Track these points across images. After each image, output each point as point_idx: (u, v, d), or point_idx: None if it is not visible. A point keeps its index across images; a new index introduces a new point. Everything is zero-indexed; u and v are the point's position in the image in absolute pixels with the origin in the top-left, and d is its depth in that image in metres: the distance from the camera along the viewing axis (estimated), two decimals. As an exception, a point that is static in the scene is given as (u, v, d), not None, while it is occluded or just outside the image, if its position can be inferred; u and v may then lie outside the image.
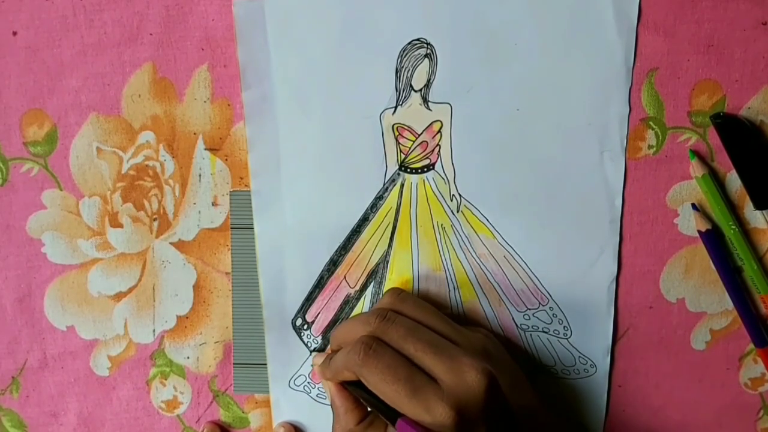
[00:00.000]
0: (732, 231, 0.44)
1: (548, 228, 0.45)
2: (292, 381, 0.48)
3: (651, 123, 0.44)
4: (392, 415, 0.38)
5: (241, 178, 0.45)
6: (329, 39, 0.43)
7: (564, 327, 0.47)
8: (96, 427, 0.49)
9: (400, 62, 0.43)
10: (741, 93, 0.43)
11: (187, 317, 0.47)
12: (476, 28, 0.42)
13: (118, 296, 0.47)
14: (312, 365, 0.47)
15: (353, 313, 0.47)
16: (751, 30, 0.42)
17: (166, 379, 0.48)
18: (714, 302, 0.46)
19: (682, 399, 0.48)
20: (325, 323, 0.47)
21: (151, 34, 0.43)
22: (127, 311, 0.47)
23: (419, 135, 0.44)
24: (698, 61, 0.43)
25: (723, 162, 0.44)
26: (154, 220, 0.46)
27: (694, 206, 0.45)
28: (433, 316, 0.43)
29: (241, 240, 0.46)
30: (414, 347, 0.39)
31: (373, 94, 0.43)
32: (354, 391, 0.41)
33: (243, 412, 0.49)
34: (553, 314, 0.46)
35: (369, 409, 0.42)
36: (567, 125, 0.43)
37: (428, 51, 0.43)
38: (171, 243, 0.46)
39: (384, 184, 0.45)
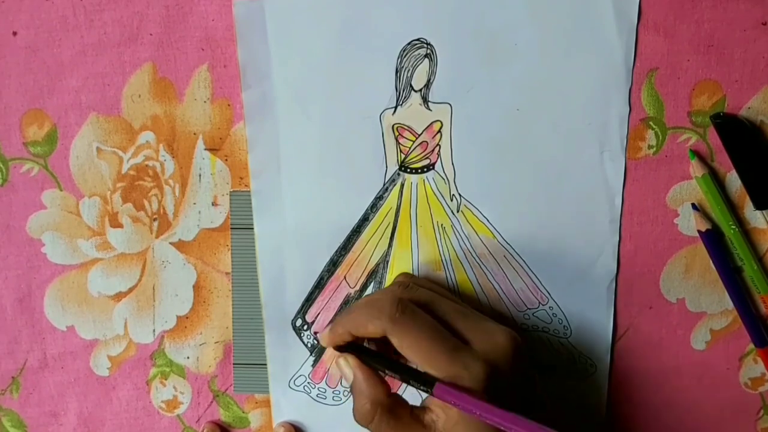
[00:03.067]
0: (732, 231, 0.44)
1: (548, 228, 0.45)
2: (292, 381, 0.48)
3: (651, 123, 0.44)
4: (424, 379, 0.37)
5: (241, 178, 0.45)
6: (329, 39, 0.43)
7: (564, 327, 0.47)
8: (96, 427, 0.49)
9: (400, 62, 0.43)
10: (741, 93, 0.43)
11: (187, 317, 0.47)
12: (476, 28, 0.42)
13: (118, 296, 0.47)
14: (312, 363, 0.47)
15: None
16: (751, 30, 0.42)
17: (166, 379, 0.48)
18: (714, 302, 0.46)
19: (682, 399, 0.48)
20: (325, 324, 0.47)
21: (151, 34, 0.43)
22: (127, 311, 0.47)
23: (419, 135, 0.44)
24: (698, 61, 0.43)
25: (723, 162, 0.44)
26: (154, 220, 0.46)
27: (694, 206, 0.45)
28: (447, 293, 0.44)
29: (241, 240, 0.46)
30: (443, 311, 0.40)
31: (373, 94, 0.43)
32: (374, 362, 0.40)
33: (243, 412, 0.49)
34: (552, 314, 0.46)
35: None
36: (567, 125, 0.43)
37: (428, 51, 0.43)
38: (171, 243, 0.46)
39: (384, 184, 0.45)
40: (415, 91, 0.43)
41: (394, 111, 0.44)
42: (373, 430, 0.39)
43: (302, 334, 0.47)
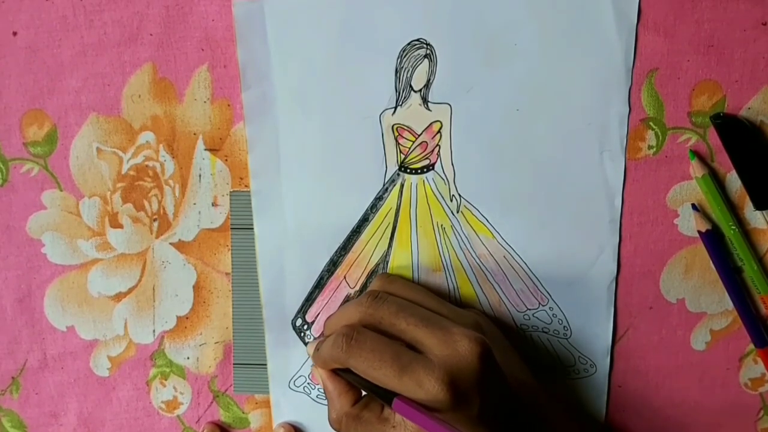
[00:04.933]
0: (732, 231, 0.44)
1: (548, 228, 0.45)
2: (292, 382, 0.48)
3: (651, 123, 0.44)
4: (387, 395, 0.38)
5: (241, 179, 0.45)
6: (329, 39, 0.43)
7: (564, 327, 0.47)
8: (96, 428, 0.49)
9: (400, 62, 0.43)
10: (741, 93, 0.43)
11: (187, 317, 0.47)
12: (476, 28, 0.42)
13: (118, 296, 0.47)
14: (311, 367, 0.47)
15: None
16: (751, 30, 0.42)
17: (166, 380, 0.48)
18: (714, 302, 0.46)
19: (682, 399, 0.48)
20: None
21: (151, 34, 0.43)
22: (127, 311, 0.47)
23: (419, 135, 0.44)
24: (698, 61, 0.43)
25: (723, 162, 0.44)
26: (154, 220, 0.46)
27: (694, 206, 0.45)
28: (423, 295, 0.43)
29: (241, 240, 0.46)
30: (406, 322, 0.40)
31: (373, 94, 0.43)
32: (346, 376, 0.41)
33: (243, 413, 0.49)
34: (552, 314, 0.46)
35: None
36: (567, 125, 0.43)
37: (428, 51, 0.43)
38: (171, 243, 0.46)
39: (384, 185, 0.45)
40: (415, 92, 0.43)
41: (394, 111, 0.44)
42: None
43: (302, 334, 0.47)
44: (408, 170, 0.45)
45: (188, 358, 0.48)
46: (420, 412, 0.36)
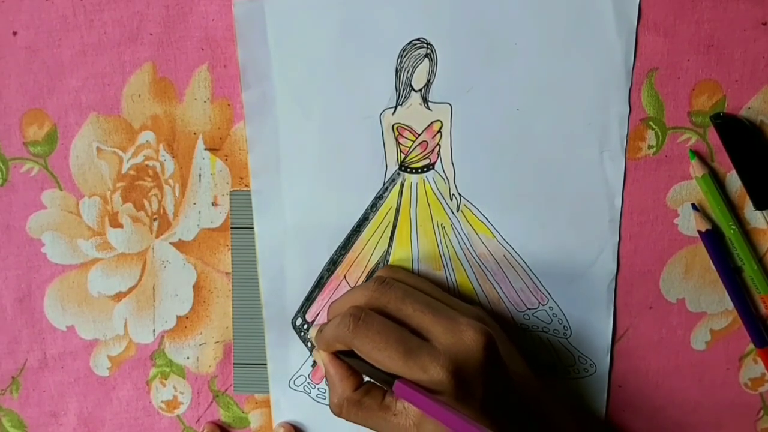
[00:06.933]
0: (732, 231, 0.44)
1: (548, 228, 0.45)
2: (292, 381, 0.48)
3: (651, 123, 0.44)
4: (389, 379, 0.38)
5: (241, 178, 0.45)
6: (329, 39, 0.43)
7: (564, 327, 0.47)
8: (96, 427, 0.49)
9: (400, 62, 0.43)
10: (741, 93, 0.43)
11: (187, 317, 0.47)
12: (476, 28, 0.42)
13: (118, 296, 0.47)
14: (312, 363, 0.47)
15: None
16: (751, 30, 0.42)
17: (166, 379, 0.48)
18: (714, 302, 0.46)
19: (682, 399, 0.48)
20: (325, 323, 0.47)
21: (151, 34, 0.43)
22: (127, 311, 0.47)
23: (419, 135, 0.44)
24: (698, 61, 0.43)
25: (723, 162, 0.44)
26: (154, 220, 0.46)
27: (694, 206, 0.45)
28: (428, 285, 0.43)
29: (241, 240, 0.46)
30: (413, 307, 0.40)
31: (373, 94, 0.43)
32: (348, 360, 0.41)
33: (243, 412, 0.49)
34: (552, 314, 0.46)
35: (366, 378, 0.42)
36: (567, 125, 0.43)
37: (428, 51, 0.43)
38: (171, 243, 0.46)
39: (384, 184, 0.45)
40: (415, 91, 0.43)
41: (394, 111, 0.44)
42: (345, 419, 0.41)
43: (302, 334, 0.47)
44: (408, 169, 0.45)
45: (188, 357, 0.48)
46: (421, 394, 0.36)
